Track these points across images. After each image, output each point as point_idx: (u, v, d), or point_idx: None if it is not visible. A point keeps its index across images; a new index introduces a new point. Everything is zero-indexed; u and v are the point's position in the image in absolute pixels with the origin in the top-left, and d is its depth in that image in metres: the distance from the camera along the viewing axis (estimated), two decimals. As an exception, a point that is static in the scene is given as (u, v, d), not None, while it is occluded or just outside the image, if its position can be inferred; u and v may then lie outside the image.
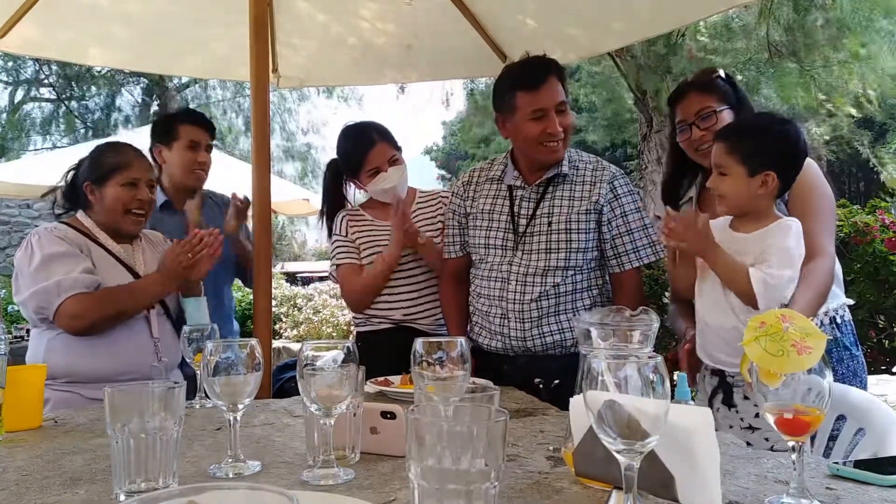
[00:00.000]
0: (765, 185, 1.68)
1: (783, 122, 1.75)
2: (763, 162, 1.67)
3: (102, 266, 2.06)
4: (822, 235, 1.81)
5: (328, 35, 3.45)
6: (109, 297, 2.01)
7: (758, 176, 1.67)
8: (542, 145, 2.07)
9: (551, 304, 2.06)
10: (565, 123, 2.06)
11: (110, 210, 2.11)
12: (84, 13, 3.14)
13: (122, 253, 2.14)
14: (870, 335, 3.81)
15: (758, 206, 1.71)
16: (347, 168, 2.51)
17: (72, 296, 1.95)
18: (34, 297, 1.96)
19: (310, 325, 8.93)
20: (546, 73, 2.05)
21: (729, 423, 1.75)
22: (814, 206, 1.85)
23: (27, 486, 1.13)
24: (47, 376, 1.96)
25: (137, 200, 2.12)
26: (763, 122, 1.79)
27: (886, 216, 3.85)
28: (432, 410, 0.87)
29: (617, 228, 2.10)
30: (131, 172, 2.11)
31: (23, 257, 2.01)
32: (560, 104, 2.05)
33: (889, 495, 1.00)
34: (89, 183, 2.12)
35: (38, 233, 2.05)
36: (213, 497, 0.61)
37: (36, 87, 16.86)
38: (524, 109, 2.05)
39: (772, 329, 0.99)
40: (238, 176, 4.76)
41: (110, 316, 2.01)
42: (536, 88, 2.03)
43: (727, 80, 2.05)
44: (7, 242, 13.29)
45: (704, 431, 0.88)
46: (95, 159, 2.15)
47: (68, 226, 2.11)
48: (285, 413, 1.71)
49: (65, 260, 1.99)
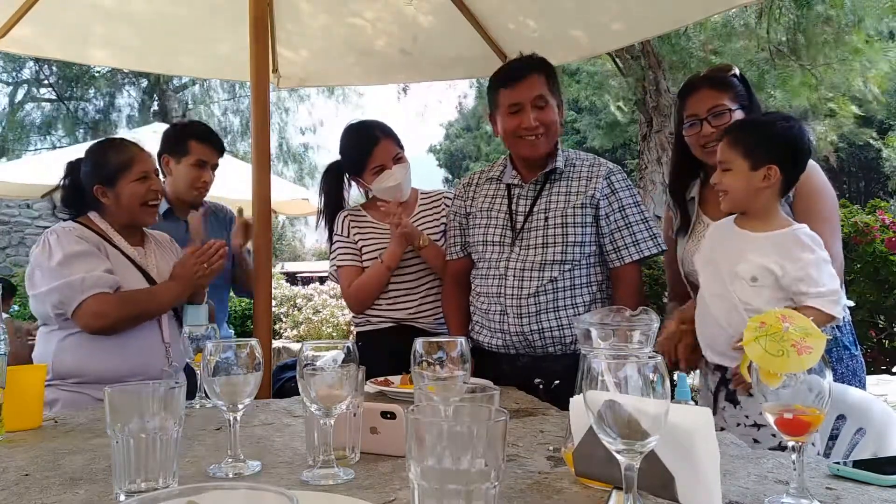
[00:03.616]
0: (767, 178, 1.66)
1: (787, 118, 1.75)
2: (765, 155, 1.66)
3: (118, 267, 2.07)
4: (831, 239, 1.81)
5: (328, 35, 3.45)
6: (131, 299, 2.03)
7: (760, 170, 1.67)
8: (520, 139, 2.10)
9: (549, 299, 2.06)
10: (543, 118, 2.08)
11: (128, 207, 2.12)
12: (84, 13, 3.14)
13: (136, 255, 2.15)
14: (870, 335, 3.81)
15: (761, 202, 1.70)
16: (351, 166, 2.51)
17: (95, 294, 1.95)
18: (56, 292, 1.95)
19: (310, 325, 8.94)
20: (527, 70, 2.10)
21: (735, 420, 1.74)
22: (820, 209, 1.85)
23: (27, 486, 1.13)
24: (56, 376, 1.98)
25: (152, 192, 2.14)
26: (767, 118, 1.79)
27: (886, 216, 3.85)
28: (432, 410, 0.87)
29: (615, 223, 2.11)
30: (139, 167, 2.12)
31: (40, 254, 2.00)
32: (537, 98, 2.07)
33: (889, 495, 1.00)
34: (100, 186, 2.11)
35: (55, 231, 2.04)
36: (213, 497, 0.61)
37: (36, 87, 16.87)
38: (503, 105, 2.11)
39: (772, 329, 0.99)
40: (238, 176, 4.78)
41: (130, 317, 2.02)
42: (514, 84, 2.08)
43: (741, 79, 2.02)
44: (7, 242, 13.29)
45: (704, 431, 0.88)
46: (99, 161, 2.14)
47: (83, 226, 2.11)
48: (285, 413, 1.71)
49: (87, 258, 2.00)
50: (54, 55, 4.00)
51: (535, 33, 3.18)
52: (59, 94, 16.81)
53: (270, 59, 3.02)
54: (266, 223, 2.51)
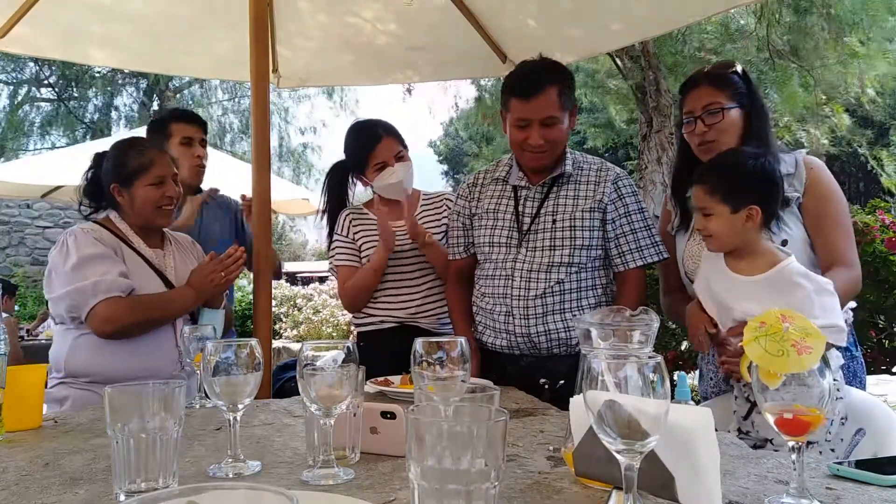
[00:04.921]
0: (750, 219, 1.68)
1: (756, 156, 1.74)
2: (745, 198, 1.67)
3: (134, 270, 2.06)
4: (846, 244, 1.81)
5: (328, 35, 3.45)
6: (142, 305, 2.02)
7: (741, 211, 1.68)
8: (524, 151, 2.10)
9: (556, 301, 2.07)
10: (549, 136, 2.05)
11: (141, 210, 2.11)
12: (84, 13, 3.13)
13: (154, 258, 2.15)
14: (870, 335, 3.81)
15: (747, 240, 1.71)
16: (354, 163, 2.53)
17: (106, 298, 1.95)
18: (69, 296, 1.96)
19: (310, 325, 8.94)
20: (542, 82, 2.03)
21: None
22: (832, 214, 1.84)
23: (27, 486, 1.13)
24: (68, 374, 1.99)
25: (167, 198, 2.13)
26: (737, 159, 1.77)
27: (886, 216, 3.85)
28: (432, 410, 0.87)
29: (621, 227, 2.11)
30: (157, 171, 2.11)
31: (58, 256, 2.01)
32: (548, 118, 2.04)
33: (889, 495, 1.00)
34: (116, 185, 2.11)
35: (73, 233, 2.04)
36: (212, 497, 0.61)
37: (36, 87, 16.87)
38: (512, 115, 2.08)
39: (772, 329, 0.99)
40: (238, 176, 4.77)
41: (141, 322, 2.01)
42: (527, 99, 2.03)
43: (743, 76, 1.98)
44: (7, 242, 13.30)
45: (704, 431, 0.88)
46: (118, 160, 2.13)
47: (102, 227, 2.11)
48: (285, 413, 1.71)
49: (101, 261, 1.99)
50: (54, 55, 4.00)
51: (535, 33, 3.18)
52: (59, 94, 16.81)
53: (270, 59, 3.02)
54: (266, 223, 2.51)
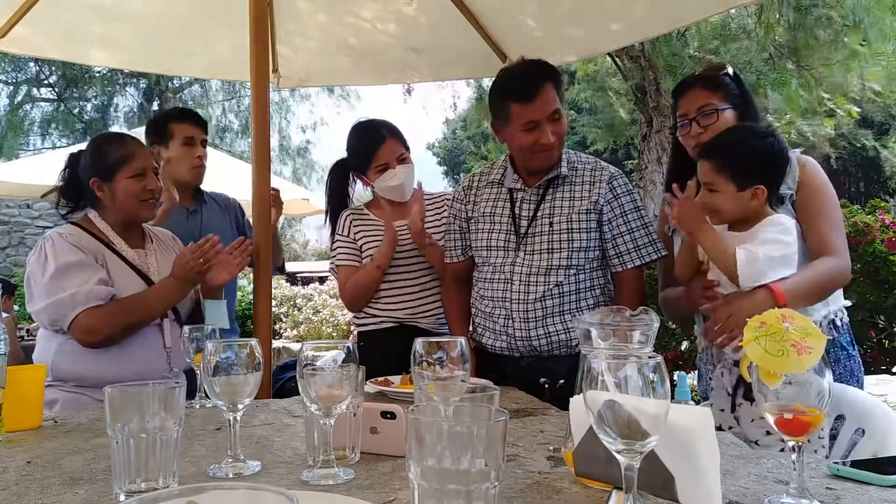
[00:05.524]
0: (755, 197, 1.74)
1: (765, 134, 1.79)
2: (752, 177, 1.72)
3: (116, 273, 2.03)
4: (835, 235, 1.85)
5: (328, 35, 3.45)
6: (123, 310, 1.99)
7: (748, 190, 1.73)
8: (535, 153, 2.08)
9: (555, 303, 2.06)
10: (558, 131, 2.06)
11: (123, 204, 2.08)
12: (84, 13, 3.13)
13: (136, 259, 2.12)
14: (870, 335, 3.81)
15: (751, 214, 1.77)
16: (356, 163, 2.53)
17: (86, 309, 1.92)
18: (48, 310, 1.93)
19: (310, 325, 8.94)
20: (540, 82, 2.02)
21: (750, 416, 1.73)
22: (821, 208, 1.88)
23: (27, 486, 1.13)
24: (56, 378, 1.96)
25: (148, 191, 2.10)
26: (746, 137, 1.80)
27: (886, 216, 3.85)
28: (432, 410, 0.87)
29: (617, 228, 2.11)
30: (138, 162, 2.09)
31: (36, 263, 1.97)
32: (553, 113, 2.03)
33: (889, 495, 1.00)
34: (96, 179, 2.08)
35: (51, 238, 2.00)
36: (212, 497, 0.61)
37: (36, 87, 16.86)
38: (517, 121, 2.05)
39: (772, 329, 0.99)
40: (238, 176, 4.77)
41: (126, 327, 1.98)
42: (530, 100, 2.01)
43: (734, 78, 2.02)
44: (7, 242, 13.29)
45: (704, 431, 0.88)
46: (97, 154, 2.10)
47: (82, 229, 2.07)
48: (285, 413, 1.71)
49: (79, 270, 1.95)
50: (54, 55, 4.00)
51: (534, 33, 3.18)
52: (59, 94, 16.80)
53: (270, 59, 3.02)
54: (266, 223, 2.51)
